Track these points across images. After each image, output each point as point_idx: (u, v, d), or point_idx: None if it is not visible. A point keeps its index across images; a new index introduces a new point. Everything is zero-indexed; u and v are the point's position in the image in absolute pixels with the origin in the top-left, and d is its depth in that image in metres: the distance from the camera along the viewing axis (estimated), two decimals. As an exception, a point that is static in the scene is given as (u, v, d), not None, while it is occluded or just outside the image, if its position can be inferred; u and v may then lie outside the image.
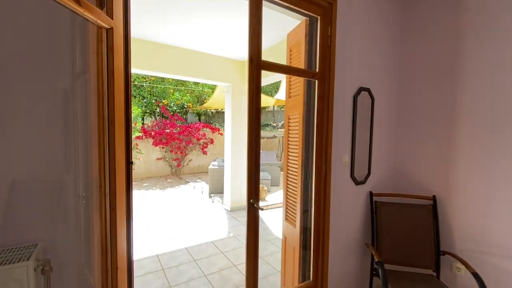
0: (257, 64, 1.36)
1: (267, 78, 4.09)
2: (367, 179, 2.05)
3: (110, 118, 0.94)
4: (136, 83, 9.73)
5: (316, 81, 1.68)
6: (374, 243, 2.01)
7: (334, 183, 1.83)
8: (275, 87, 10.00)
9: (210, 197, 5.57)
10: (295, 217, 1.93)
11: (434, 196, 1.96)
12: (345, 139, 1.89)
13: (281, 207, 5.09)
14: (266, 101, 7.54)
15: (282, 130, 9.57)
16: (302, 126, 1.82)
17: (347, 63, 1.84)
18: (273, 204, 4.97)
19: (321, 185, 1.75)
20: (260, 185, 5.57)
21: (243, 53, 4.04)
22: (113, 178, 0.95)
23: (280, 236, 3.57)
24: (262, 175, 5.73)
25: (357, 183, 1.99)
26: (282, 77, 4.22)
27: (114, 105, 0.94)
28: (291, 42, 2.01)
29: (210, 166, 5.85)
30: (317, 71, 1.67)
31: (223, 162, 5.96)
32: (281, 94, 7.03)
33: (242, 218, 4.28)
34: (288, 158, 2.04)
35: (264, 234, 3.61)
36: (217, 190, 5.74)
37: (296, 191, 1.92)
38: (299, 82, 1.88)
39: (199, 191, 6.20)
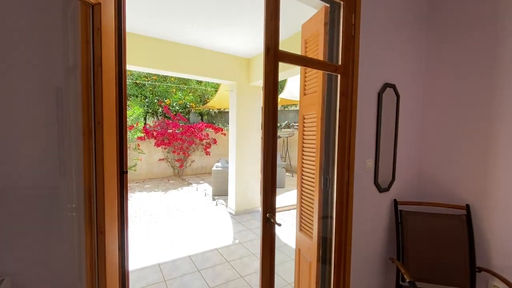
0: (274, 54, 1.16)
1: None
2: (391, 185, 1.84)
3: (97, 118, 0.74)
4: (137, 82, 9.57)
5: (338, 76, 1.48)
6: (399, 257, 1.80)
7: (357, 190, 1.63)
8: (279, 86, 9.78)
9: (214, 199, 5.39)
10: (311, 229, 1.73)
11: (467, 205, 1.75)
12: (368, 141, 1.69)
13: (288, 210, 4.90)
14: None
15: (286, 130, 9.35)
16: (320, 127, 1.62)
17: (372, 55, 1.63)
18: (280, 207, 4.77)
19: (343, 193, 1.54)
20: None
21: (248, 50, 3.84)
22: (101, 193, 0.75)
23: (289, 243, 3.37)
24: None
25: (380, 190, 1.78)
26: (287, 75, 4.00)
27: (102, 102, 0.74)
28: (307, 33, 1.80)
29: (214, 168, 5.66)
30: (340, 64, 1.47)
31: (227, 163, 5.77)
32: (286, 93, 6.82)
33: (247, 222, 4.08)
34: (303, 163, 1.84)
35: (272, 241, 3.41)
36: (220, 192, 5.55)
37: (312, 199, 1.71)
38: (317, 77, 1.68)
39: (202, 193, 6.01)
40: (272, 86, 1.18)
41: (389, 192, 1.84)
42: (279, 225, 1.16)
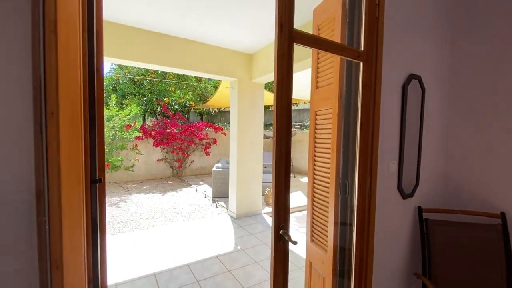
0: (289, 33, 0.94)
1: (271, 74, 3.65)
2: (414, 191, 1.63)
3: (50, 108, 0.52)
4: (135, 80, 9.35)
5: (361, 64, 1.26)
6: (425, 272, 1.59)
7: (379, 196, 1.41)
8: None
9: (214, 201, 5.17)
10: (325, 240, 1.51)
11: (502, 213, 1.53)
12: (392, 141, 1.47)
13: (291, 212, 4.67)
14: (269, 98, 7.11)
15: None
16: (336, 124, 1.40)
17: (396, 41, 1.42)
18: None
19: (365, 200, 1.33)
20: (268, 189, 5.16)
21: (250, 44, 3.62)
22: (55, 212, 0.53)
23: (293, 249, 3.15)
24: (268, 177, 5.32)
25: (404, 196, 1.57)
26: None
27: (57, 85, 0.52)
28: (320, 18, 1.59)
29: (214, 168, 5.44)
30: (363, 50, 1.25)
31: (228, 163, 5.55)
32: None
33: (249, 226, 3.87)
34: (315, 166, 1.62)
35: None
36: (221, 194, 5.34)
37: (326, 207, 1.50)
38: (332, 67, 1.46)
39: (201, 194, 5.79)
40: (286, 73, 0.96)
41: (413, 198, 1.63)
42: (295, 243, 0.95)
